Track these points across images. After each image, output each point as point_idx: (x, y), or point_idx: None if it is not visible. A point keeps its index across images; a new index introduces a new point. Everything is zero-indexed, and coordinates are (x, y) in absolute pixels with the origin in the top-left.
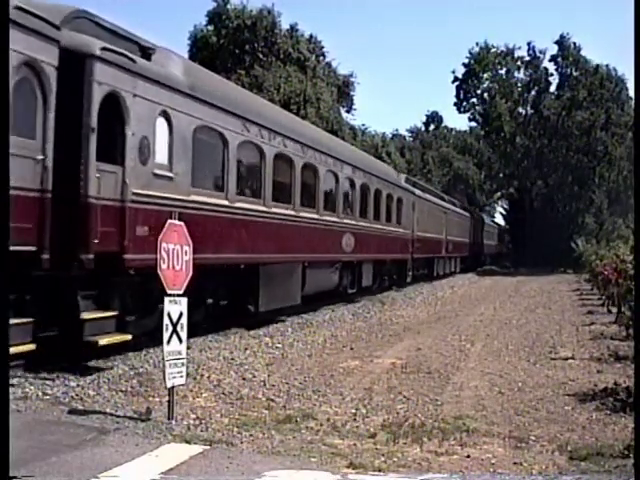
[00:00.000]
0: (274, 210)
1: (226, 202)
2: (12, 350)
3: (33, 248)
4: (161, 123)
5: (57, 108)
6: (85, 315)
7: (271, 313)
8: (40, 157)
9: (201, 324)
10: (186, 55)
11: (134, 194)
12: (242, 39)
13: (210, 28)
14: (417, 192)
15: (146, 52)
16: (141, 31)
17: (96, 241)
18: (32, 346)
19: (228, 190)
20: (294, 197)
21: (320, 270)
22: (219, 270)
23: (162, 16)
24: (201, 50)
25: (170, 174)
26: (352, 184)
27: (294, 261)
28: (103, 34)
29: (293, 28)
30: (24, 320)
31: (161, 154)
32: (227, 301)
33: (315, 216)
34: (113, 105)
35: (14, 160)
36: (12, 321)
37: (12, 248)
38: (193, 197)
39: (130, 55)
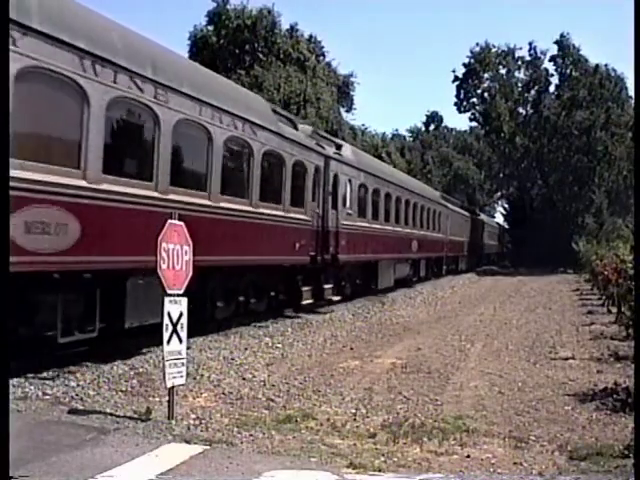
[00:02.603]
0: (385, 227)
1: (367, 224)
2: (305, 302)
3: (314, 254)
4: (348, 186)
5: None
6: (325, 286)
7: (382, 291)
8: (318, 211)
9: (349, 296)
10: (186, 55)
11: (341, 224)
12: (242, 39)
13: (210, 28)
14: (449, 206)
15: (338, 146)
16: (142, 31)
17: (331, 249)
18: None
19: (368, 216)
20: (392, 217)
21: (402, 265)
22: (360, 263)
23: (162, 16)
24: (201, 50)
25: (351, 212)
26: (416, 206)
27: (392, 259)
28: (321, 139)
29: (293, 28)
30: (308, 288)
31: (348, 202)
32: (362, 282)
33: (399, 229)
34: (335, 180)
35: (313, 214)
36: (305, 288)
37: (311, 254)
38: (358, 223)
39: (339, 152)
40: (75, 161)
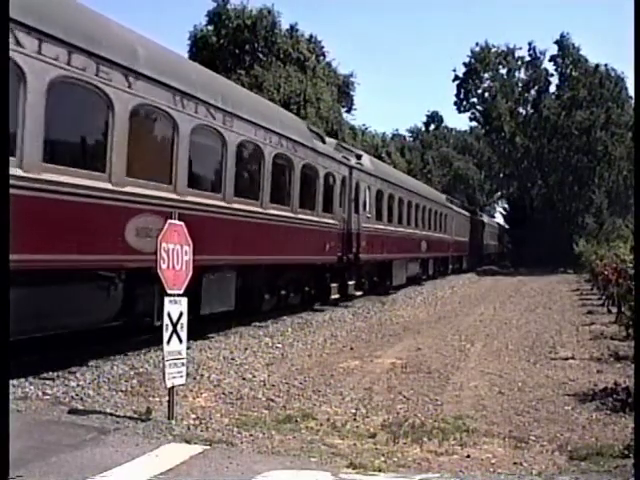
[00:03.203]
0: (398, 229)
1: (383, 227)
2: (333, 297)
3: (340, 254)
4: (367, 192)
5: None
6: (349, 282)
7: (395, 287)
8: (344, 216)
9: (368, 291)
10: (186, 55)
11: (362, 227)
12: (242, 39)
13: (210, 28)
14: (454, 208)
15: (358, 156)
16: (142, 31)
17: (353, 249)
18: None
19: (384, 219)
20: (404, 219)
21: (412, 264)
22: (377, 262)
23: (162, 16)
24: (201, 50)
25: (369, 215)
26: (425, 209)
27: (404, 258)
28: (343, 150)
29: (293, 28)
30: (336, 284)
31: (367, 206)
32: (378, 279)
33: (410, 231)
34: (356, 187)
35: (340, 218)
36: (333, 285)
37: (338, 254)
38: (375, 225)
39: (359, 161)
40: (168, 178)
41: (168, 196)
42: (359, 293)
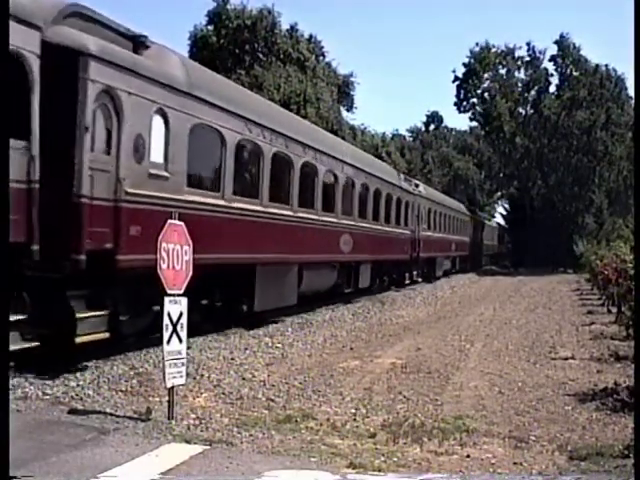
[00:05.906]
0: (439, 234)
1: (431, 233)
2: (407, 282)
3: (410, 253)
4: (423, 210)
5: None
6: (414, 272)
7: (436, 278)
8: (412, 227)
9: (423, 279)
10: (186, 55)
11: (421, 234)
12: (242, 39)
13: (210, 28)
14: (471, 215)
15: (416, 185)
16: (142, 30)
17: (417, 249)
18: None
19: (432, 228)
20: (442, 227)
21: (447, 260)
22: (428, 259)
23: (162, 16)
24: (201, 50)
25: (425, 226)
26: (454, 218)
27: (442, 256)
28: (407, 180)
29: (293, 28)
30: (407, 274)
31: (423, 220)
32: (427, 271)
33: (446, 235)
34: (418, 207)
35: (410, 229)
36: (406, 274)
37: (409, 254)
38: (427, 233)
39: (419, 189)
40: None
41: (352, 223)
42: (420, 280)
